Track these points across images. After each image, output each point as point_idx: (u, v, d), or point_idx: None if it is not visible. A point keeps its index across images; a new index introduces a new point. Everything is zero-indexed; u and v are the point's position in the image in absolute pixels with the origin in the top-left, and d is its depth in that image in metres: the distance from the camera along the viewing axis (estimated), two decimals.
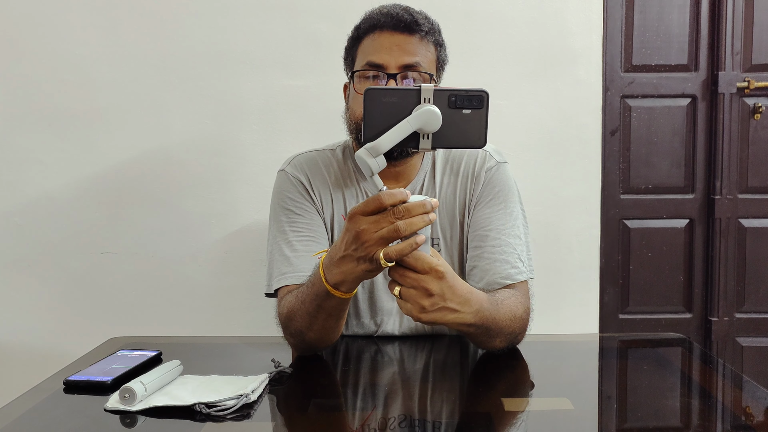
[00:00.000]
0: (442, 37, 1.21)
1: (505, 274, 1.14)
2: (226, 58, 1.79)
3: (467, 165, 1.24)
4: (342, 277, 0.94)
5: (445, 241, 1.23)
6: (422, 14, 1.18)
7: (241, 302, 1.83)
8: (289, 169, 1.26)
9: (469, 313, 0.95)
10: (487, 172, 1.23)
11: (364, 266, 0.90)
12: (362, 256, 0.88)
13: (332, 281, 0.95)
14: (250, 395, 0.89)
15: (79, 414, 0.90)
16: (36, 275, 1.82)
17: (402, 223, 0.84)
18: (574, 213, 1.90)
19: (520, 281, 1.15)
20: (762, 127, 2.00)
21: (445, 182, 1.24)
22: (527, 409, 0.93)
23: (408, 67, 1.14)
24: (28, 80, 1.78)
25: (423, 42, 1.16)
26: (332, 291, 0.96)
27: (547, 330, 1.15)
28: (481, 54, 1.83)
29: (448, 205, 1.24)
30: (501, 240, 1.17)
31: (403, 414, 0.89)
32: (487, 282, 1.15)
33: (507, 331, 1.05)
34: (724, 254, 2.01)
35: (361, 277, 0.93)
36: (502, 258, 1.15)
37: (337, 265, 0.93)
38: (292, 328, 1.07)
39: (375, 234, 0.86)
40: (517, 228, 1.20)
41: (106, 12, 1.77)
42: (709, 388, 1.02)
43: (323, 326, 1.03)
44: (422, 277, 0.88)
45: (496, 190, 1.21)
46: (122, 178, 1.81)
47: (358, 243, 0.88)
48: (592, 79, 1.87)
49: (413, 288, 0.88)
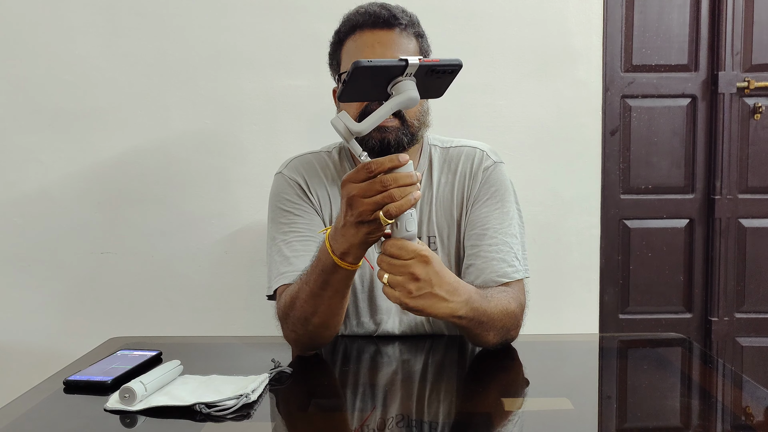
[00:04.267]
0: (422, 29, 1.23)
1: (501, 272, 1.16)
2: (226, 58, 1.79)
3: (465, 164, 1.25)
4: (347, 245, 0.95)
5: (441, 240, 1.24)
6: (399, 8, 1.19)
7: (241, 302, 1.83)
8: (285, 171, 1.26)
9: (459, 303, 0.97)
10: (484, 171, 1.24)
11: (364, 229, 0.92)
12: (361, 221, 0.91)
13: (338, 251, 0.97)
14: (250, 395, 0.89)
15: (79, 414, 0.90)
16: (36, 275, 1.82)
17: (395, 190, 0.87)
18: (574, 213, 1.90)
19: (516, 280, 1.17)
20: (762, 127, 2.00)
21: (443, 181, 1.25)
22: (527, 409, 0.93)
23: None
24: (27, 80, 1.78)
25: (403, 35, 1.18)
26: (339, 262, 0.97)
27: (547, 330, 1.15)
28: (481, 54, 1.83)
29: (445, 204, 1.24)
30: (497, 239, 1.18)
31: (402, 414, 0.89)
32: (483, 280, 1.16)
33: (499, 325, 1.07)
34: (724, 254, 2.01)
35: (365, 242, 0.94)
36: (499, 257, 1.17)
37: (342, 234, 0.95)
38: (294, 317, 1.07)
39: (368, 199, 0.88)
40: (513, 227, 1.21)
41: (106, 12, 1.77)
42: (709, 388, 1.02)
43: (328, 307, 1.04)
44: (408, 262, 0.91)
45: (493, 189, 1.23)
46: (122, 178, 1.81)
47: (353, 209, 0.90)
48: (592, 79, 1.87)
49: (400, 274, 0.91)
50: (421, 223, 1.23)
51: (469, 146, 1.27)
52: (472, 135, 1.38)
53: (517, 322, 1.13)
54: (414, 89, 0.86)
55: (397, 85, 0.86)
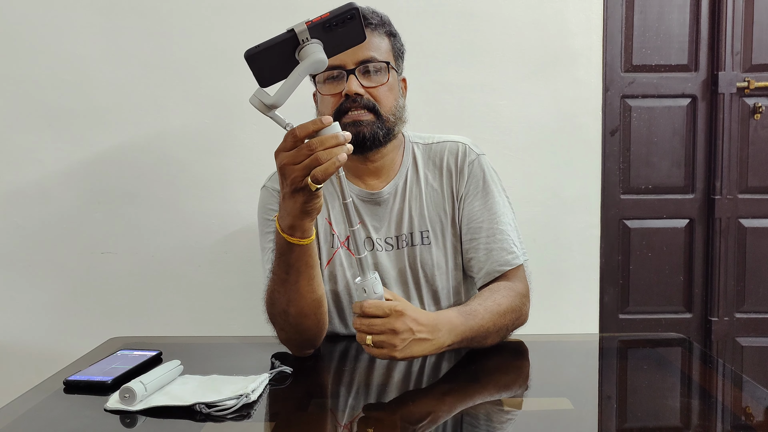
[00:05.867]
0: (394, 28, 1.25)
1: (503, 261, 1.20)
2: (226, 58, 1.79)
3: (449, 159, 1.28)
4: (290, 218, 0.96)
5: (435, 234, 1.26)
6: (369, 9, 1.22)
7: (241, 302, 1.83)
8: (269, 183, 1.29)
9: (443, 336, 1.01)
10: (469, 165, 1.27)
11: (299, 198, 0.93)
12: (294, 189, 0.92)
13: (285, 226, 0.98)
14: (250, 395, 0.89)
15: (79, 414, 0.90)
16: (35, 275, 1.82)
17: (321, 152, 0.88)
18: (574, 213, 1.90)
19: (516, 266, 1.21)
20: (762, 127, 2.00)
21: (430, 176, 1.28)
22: (527, 408, 0.93)
23: (364, 62, 1.18)
24: (27, 79, 1.78)
25: (375, 35, 1.20)
26: (288, 238, 0.98)
27: (547, 330, 1.15)
28: (481, 54, 1.83)
29: (436, 198, 1.27)
30: (494, 229, 1.22)
31: (402, 414, 0.89)
32: (487, 271, 1.20)
33: (494, 329, 1.10)
34: (724, 254, 2.01)
35: (303, 211, 0.95)
36: (498, 246, 1.21)
37: (283, 208, 0.97)
38: (275, 313, 1.08)
39: (297, 165, 0.90)
40: (506, 215, 1.25)
41: (106, 12, 1.77)
42: (709, 388, 1.02)
43: (297, 292, 1.04)
44: (386, 320, 0.95)
45: (482, 182, 1.26)
46: (122, 177, 1.81)
47: (285, 178, 0.92)
48: (592, 79, 1.87)
49: (381, 333, 0.95)
50: (412, 219, 1.25)
51: (451, 141, 1.30)
52: (472, 135, 1.39)
53: (520, 312, 1.16)
54: (319, 51, 0.86)
55: (301, 52, 0.87)
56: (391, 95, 1.20)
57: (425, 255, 1.25)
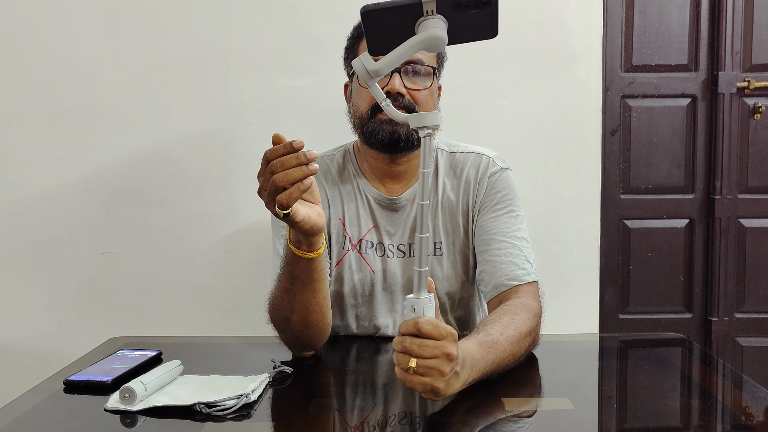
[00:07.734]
0: None
1: (512, 275, 1.15)
2: (226, 58, 1.79)
3: (470, 171, 1.25)
4: (293, 233, 0.96)
5: (447, 245, 1.24)
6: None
7: (241, 302, 1.83)
8: None
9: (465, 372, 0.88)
10: (490, 177, 1.23)
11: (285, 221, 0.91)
12: (273, 211, 0.90)
13: (293, 239, 0.98)
14: (250, 395, 0.89)
15: (79, 414, 0.90)
16: (36, 275, 1.82)
17: (278, 175, 0.85)
18: (574, 213, 1.89)
19: (528, 282, 1.15)
20: (762, 127, 2.00)
21: (448, 185, 1.25)
22: (527, 409, 0.93)
23: (412, 62, 1.16)
24: (28, 80, 1.78)
25: None
26: (295, 251, 0.97)
27: (547, 330, 1.15)
28: (481, 54, 1.82)
29: (450, 208, 1.24)
30: (507, 242, 1.18)
31: (403, 412, 0.89)
32: (494, 285, 1.16)
33: (513, 360, 1.01)
34: (724, 254, 2.01)
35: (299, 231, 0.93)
36: (508, 260, 1.16)
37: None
38: (277, 318, 1.07)
39: (266, 191, 0.88)
40: (522, 231, 1.21)
41: (106, 12, 1.77)
42: (709, 388, 1.02)
43: (301, 302, 1.03)
44: (441, 343, 0.81)
45: (500, 195, 1.22)
46: (122, 177, 1.81)
47: (264, 200, 0.90)
48: (592, 79, 1.87)
49: (433, 357, 0.81)
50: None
51: (476, 152, 1.27)
52: (472, 135, 1.39)
53: (536, 336, 1.08)
54: (440, 28, 0.77)
55: (421, 24, 0.77)
56: (431, 101, 1.18)
57: (435, 266, 1.23)
